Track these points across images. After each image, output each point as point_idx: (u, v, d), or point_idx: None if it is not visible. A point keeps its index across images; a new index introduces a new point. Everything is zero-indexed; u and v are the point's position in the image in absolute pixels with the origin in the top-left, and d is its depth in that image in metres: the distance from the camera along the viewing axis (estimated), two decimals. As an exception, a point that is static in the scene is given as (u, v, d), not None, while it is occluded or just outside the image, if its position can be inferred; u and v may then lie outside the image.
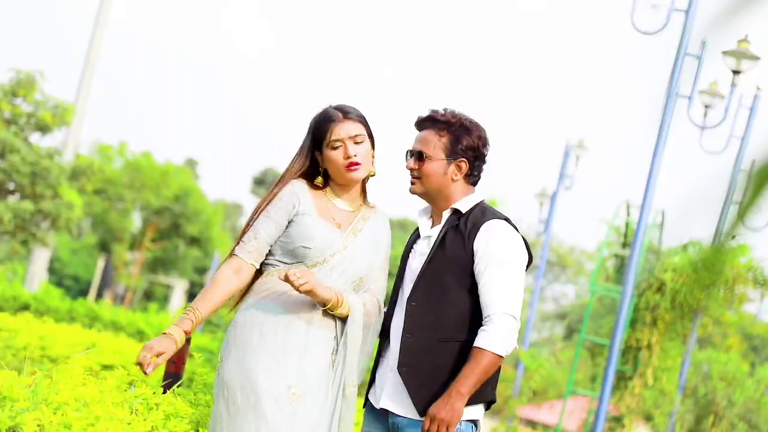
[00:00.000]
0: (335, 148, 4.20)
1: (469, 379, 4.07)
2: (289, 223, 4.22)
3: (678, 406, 15.97)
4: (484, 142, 4.38)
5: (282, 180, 4.33)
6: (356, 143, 4.22)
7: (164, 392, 4.71)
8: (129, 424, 4.03)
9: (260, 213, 4.28)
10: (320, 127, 4.24)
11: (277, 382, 4.01)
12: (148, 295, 47.75)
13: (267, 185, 73.30)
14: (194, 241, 42.99)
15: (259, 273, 4.31)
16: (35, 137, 19.05)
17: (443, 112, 4.36)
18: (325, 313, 4.11)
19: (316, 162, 4.31)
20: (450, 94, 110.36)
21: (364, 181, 4.41)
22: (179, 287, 46.26)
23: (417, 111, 4.32)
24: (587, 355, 17.19)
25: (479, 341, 4.13)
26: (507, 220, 4.34)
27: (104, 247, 41.94)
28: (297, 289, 3.96)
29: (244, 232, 4.33)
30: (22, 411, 3.80)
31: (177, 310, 35.88)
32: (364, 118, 4.30)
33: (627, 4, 12.83)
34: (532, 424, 29.22)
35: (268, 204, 4.28)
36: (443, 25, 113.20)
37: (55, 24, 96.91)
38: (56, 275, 47.13)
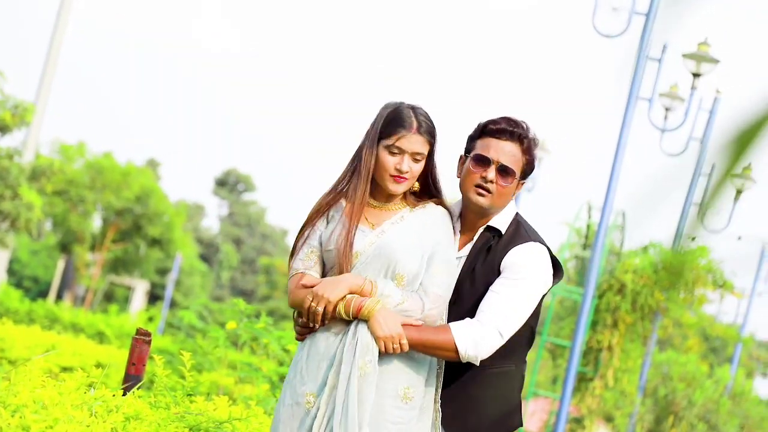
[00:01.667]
0: (392, 154, 4.01)
1: (417, 337, 3.89)
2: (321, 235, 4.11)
3: (638, 407, 16.06)
4: None
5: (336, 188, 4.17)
6: (414, 160, 4.01)
7: (124, 394, 4.68)
8: (88, 426, 4.00)
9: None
10: (389, 128, 4.03)
11: (295, 393, 3.98)
12: (108, 297, 47.47)
13: (229, 186, 73.09)
14: (155, 242, 42.77)
15: None
16: (-6, 137, 18.89)
17: (525, 127, 4.13)
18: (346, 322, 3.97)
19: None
20: (411, 95, 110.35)
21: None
22: (140, 288, 46.02)
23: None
24: (548, 356, 17.27)
25: (456, 326, 3.93)
26: (540, 241, 4.13)
27: (65, 248, 41.66)
28: (314, 310, 3.93)
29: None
30: (-20, 414, 3.76)
31: (138, 312, 35.71)
32: (434, 135, 4.06)
33: (589, 8, 12.89)
34: (493, 425, 29.29)
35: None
36: (407, 27, 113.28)
37: (15, 23, 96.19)
38: (15, 276, 46.78)
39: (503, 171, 4.07)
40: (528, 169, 4.14)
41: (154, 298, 52.77)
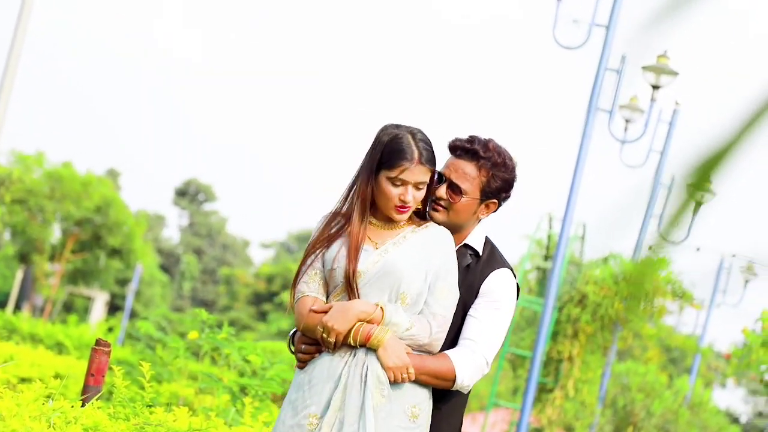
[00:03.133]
0: (395, 185, 3.99)
1: (421, 365, 3.93)
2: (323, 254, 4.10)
3: (598, 418, 16.12)
4: (515, 179, 4.22)
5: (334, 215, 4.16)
6: (417, 189, 4.01)
7: (83, 405, 4.65)
8: (46, 438, 3.97)
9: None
10: (392, 158, 4.00)
11: (298, 414, 3.96)
12: (67, 307, 47.17)
13: (189, 196, 72.86)
14: (115, 252, 42.57)
15: None
16: (-47, 146, 18.77)
17: (486, 144, 4.13)
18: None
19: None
20: (374, 106, 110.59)
21: None
22: (100, 299, 45.76)
23: (339, 122, 4.14)
24: (509, 367, 17.32)
25: (455, 356, 3.98)
26: (510, 267, 4.22)
27: (23, 258, 41.36)
28: (327, 341, 3.94)
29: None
30: (-64, 425, 3.73)
31: (97, 323, 35.52)
32: (435, 162, 4.05)
33: (549, 19, 12.96)
34: (454, 436, 29.31)
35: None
36: (366, 39, 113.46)
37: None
38: (-27, 287, 46.37)
39: (451, 188, 4.11)
40: (491, 186, 4.14)
41: (114, 308, 52.49)
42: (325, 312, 3.97)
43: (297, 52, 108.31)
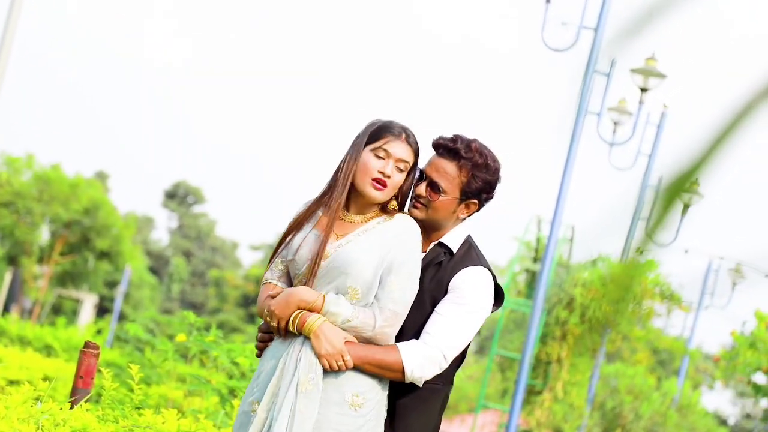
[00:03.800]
0: (377, 157, 4.02)
1: (364, 355, 3.92)
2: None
3: (587, 420, 16.15)
4: (498, 181, 4.21)
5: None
6: (398, 169, 4.04)
7: (72, 408, 4.65)
8: (35, 440, 3.96)
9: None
10: (377, 133, 4.06)
11: (245, 402, 4.04)
12: (56, 310, 47.07)
13: (178, 198, 72.75)
14: (104, 254, 42.53)
15: None
16: (-59, 148, 18.73)
17: (468, 145, 4.13)
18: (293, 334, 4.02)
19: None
20: (365, 108, 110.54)
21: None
22: (89, 301, 45.67)
23: (330, 124, 4.14)
24: (498, 369, 17.33)
25: (404, 347, 3.96)
26: (487, 267, 4.18)
27: (12, 260, 41.29)
28: (271, 325, 4.00)
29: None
30: (-75, 427, 3.73)
31: (86, 325, 35.43)
32: (418, 153, 4.11)
33: (537, 21, 12.99)
34: (443, 438, 29.32)
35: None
36: (358, 39, 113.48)
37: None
38: (-39, 289, 46.25)
39: (431, 186, 4.12)
40: (471, 186, 4.13)
41: (102, 311, 52.40)
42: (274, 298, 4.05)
43: (287, 53, 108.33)
